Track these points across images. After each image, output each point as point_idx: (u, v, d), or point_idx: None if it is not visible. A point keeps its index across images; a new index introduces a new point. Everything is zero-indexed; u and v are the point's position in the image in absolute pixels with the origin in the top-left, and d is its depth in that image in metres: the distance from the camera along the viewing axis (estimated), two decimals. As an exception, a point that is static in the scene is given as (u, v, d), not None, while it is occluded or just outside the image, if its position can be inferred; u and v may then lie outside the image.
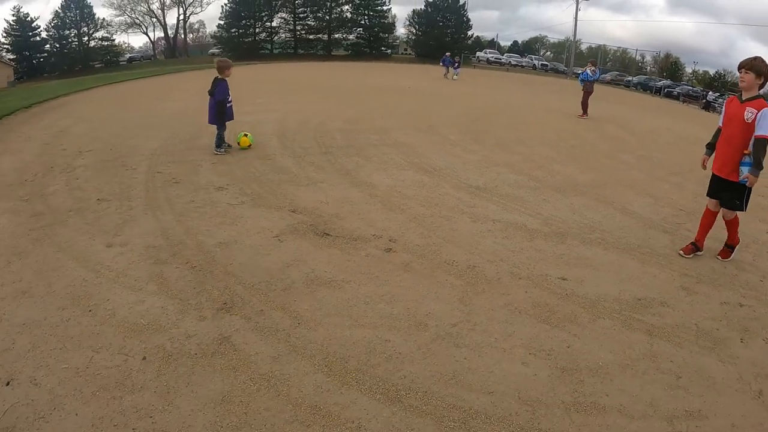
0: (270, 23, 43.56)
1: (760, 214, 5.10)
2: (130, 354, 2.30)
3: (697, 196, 5.36)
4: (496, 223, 4.20)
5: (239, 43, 41.79)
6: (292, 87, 15.55)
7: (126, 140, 6.73)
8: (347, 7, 44.21)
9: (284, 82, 17.49)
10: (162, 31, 45.62)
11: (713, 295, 3.22)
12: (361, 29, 45.03)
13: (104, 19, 40.65)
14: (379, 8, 44.30)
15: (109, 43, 40.97)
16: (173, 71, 25.19)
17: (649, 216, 4.73)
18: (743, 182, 3.38)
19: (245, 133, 6.30)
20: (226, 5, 42.16)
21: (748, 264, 3.79)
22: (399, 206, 4.43)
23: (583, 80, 12.17)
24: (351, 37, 45.35)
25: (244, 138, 6.22)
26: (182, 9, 44.98)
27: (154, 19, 44.35)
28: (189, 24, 46.88)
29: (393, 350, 2.35)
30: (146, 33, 45.22)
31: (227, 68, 6.00)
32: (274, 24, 43.82)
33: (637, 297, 3.11)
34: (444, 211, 4.38)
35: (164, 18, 44.70)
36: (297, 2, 42.94)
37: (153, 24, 44.73)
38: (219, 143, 6.03)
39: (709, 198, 3.72)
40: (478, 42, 51.40)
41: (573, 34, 42.40)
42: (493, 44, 54.52)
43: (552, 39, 61.33)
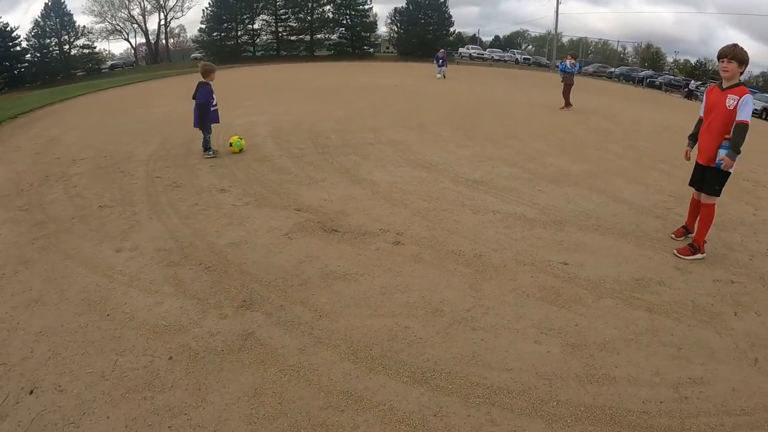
0: (252, 25, 43.26)
1: (746, 198, 5.35)
2: (156, 355, 2.34)
3: (685, 182, 5.53)
4: (497, 214, 4.33)
5: (222, 47, 41.43)
6: (279, 89, 15.54)
7: (119, 147, 6.72)
8: (329, 8, 44.17)
9: (270, 84, 17.44)
10: (143, 37, 45.10)
11: (706, 274, 3.40)
12: (344, 29, 44.98)
13: (85, 27, 39.81)
14: (361, 7, 44.31)
15: (90, 51, 40.16)
16: (157, 77, 24.88)
17: (641, 202, 4.92)
18: (719, 165, 3.40)
19: (238, 137, 6.33)
20: (207, 9, 41.76)
21: (737, 244, 3.99)
22: (402, 201, 4.55)
23: (563, 72, 12.42)
24: (333, 37, 45.27)
25: (235, 142, 6.25)
26: (163, 14, 44.48)
27: (135, 25, 43.75)
28: (170, 29, 46.39)
29: (414, 336, 2.46)
30: (128, 39, 44.58)
31: (210, 72, 6.05)
32: (256, 26, 43.55)
33: (635, 278, 3.27)
34: (445, 205, 4.51)
35: (145, 24, 44.08)
36: (278, 4, 42.72)
37: (134, 30, 44.17)
38: (206, 146, 6.08)
39: (693, 188, 3.78)
40: (460, 38, 51.81)
41: (554, 28, 43.00)
42: (475, 40, 55.04)
43: (533, 33, 62.19)
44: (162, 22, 44.92)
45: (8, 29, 36.73)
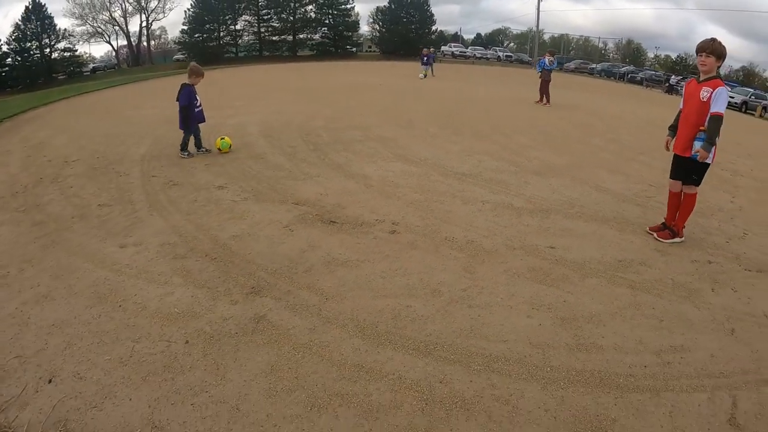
0: (234, 26, 43.06)
1: (724, 186, 5.68)
2: (172, 340, 2.43)
3: (665, 173, 5.79)
4: (486, 204, 4.53)
5: (204, 48, 41.10)
6: (265, 89, 15.57)
7: (111, 148, 6.75)
8: (311, 7, 44.16)
9: (256, 85, 17.45)
10: (125, 39, 44.56)
11: (684, 255, 3.64)
12: (326, 29, 45.02)
13: (66, 30, 39.14)
14: (343, 7, 44.40)
15: (71, 54, 39.45)
16: (141, 79, 24.64)
17: (622, 192, 5.17)
18: (694, 156, 3.52)
19: (222, 137, 6.40)
20: (189, 10, 41.42)
21: (715, 229, 4.26)
22: (394, 194, 4.71)
23: (542, 68, 12.76)
24: (316, 37, 45.28)
25: (221, 141, 6.32)
26: (145, 16, 43.98)
27: (117, 28, 43.20)
28: (151, 31, 45.85)
29: (415, 314, 2.63)
30: (109, 42, 44.00)
31: (195, 75, 6.13)
32: (238, 27, 43.38)
33: (618, 259, 3.50)
34: (436, 196, 4.69)
35: (127, 26, 43.56)
36: (260, 4, 42.55)
37: (116, 32, 43.60)
38: (183, 147, 6.13)
39: (672, 180, 3.85)
40: (442, 36, 52.20)
41: (536, 25, 43.71)
42: (457, 38, 55.48)
43: (515, 30, 62.96)
44: (143, 24, 44.45)
45: (-12, 33, 35.91)
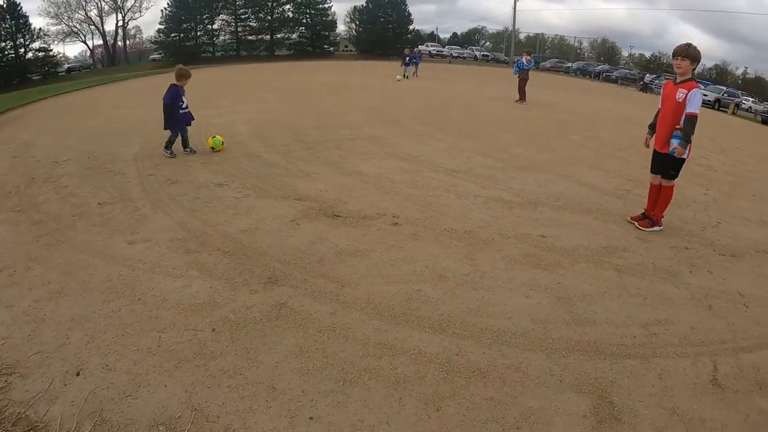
0: (211, 26, 42.49)
1: (698, 180, 6.15)
2: (198, 329, 2.51)
3: (642, 168, 6.25)
4: (478, 198, 4.79)
5: (181, 47, 40.36)
6: (247, 89, 15.53)
7: (101, 147, 6.72)
8: (288, 7, 43.93)
9: (237, 84, 17.36)
10: (100, 39, 43.46)
11: (664, 242, 3.97)
12: (304, 28, 44.87)
13: (41, 29, 37.81)
14: (321, 6, 44.32)
15: (46, 54, 38.10)
16: (118, 79, 24.06)
17: (603, 186, 5.52)
18: (672, 153, 3.80)
19: (214, 136, 6.49)
20: (166, 9, 40.59)
21: (690, 219, 4.65)
22: (391, 189, 4.92)
23: (519, 68, 13.17)
24: (294, 37, 45.07)
25: (213, 140, 6.40)
26: (121, 15, 42.98)
27: (93, 27, 42.09)
28: (126, 30, 44.83)
29: (426, 297, 2.85)
30: (84, 41, 42.84)
31: (183, 77, 6.18)
32: (216, 26, 42.84)
33: (603, 246, 3.80)
34: (431, 191, 4.92)
35: (102, 25, 42.48)
36: (238, 3, 42.11)
37: (91, 32, 42.48)
38: (168, 145, 6.16)
39: (653, 174, 4.16)
40: (419, 35, 52.67)
41: (512, 24, 44.55)
42: (434, 37, 56.07)
43: (491, 29, 64.03)
44: (120, 24, 43.46)
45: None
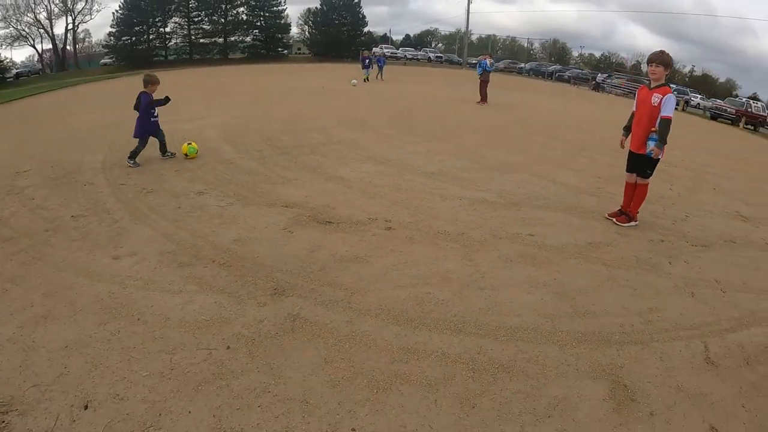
0: (164, 29, 40.96)
1: (662, 176, 6.60)
2: (211, 347, 2.36)
3: (609, 166, 6.69)
4: (463, 200, 4.91)
5: (132, 51, 38.68)
6: (206, 93, 15.03)
7: (64, 156, 6.31)
8: (243, 9, 43.00)
9: (194, 89, 16.73)
10: (50, 43, 40.78)
11: (641, 236, 4.25)
12: (257, 31, 44.02)
13: None
14: (275, 9, 43.64)
15: None
16: (69, 84, 22.68)
17: (576, 184, 5.81)
18: (649, 154, 4.05)
19: (189, 142, 6.28)
20: (118, 12, 38.75)
21: (661, 213, 4.99)
22: (377, 194, 4.95)
23: (482, 70, 13.59)
24: (248, 39, 44.16)
25: (188, 147, 6.20)
26: (71, 18, 40.51)
27: (42, 31, 39.57)
28: (76, 33, 42.29)
29: (437, 299, 2.91)
30: (33, 45, 40.16)
31: (152, 83, 5.97)
32: (168, 29, 41.36)
33: (588, 242, 4.01)
34: (416, 194, 4.99)
35: (52, 29, 39.92)
36: (191, 6, 40.75)
37: (40, 36, 39.91)
38: (132, 155, 5.90)
39: (628, 173, 4.39)
40: (372, 38, 52.99)
41: (465, 26, 45.70)
42: (387, 39, 56.61)
43: (443, 31, 65.41)
44: (69, 27, 41.00)
45: None
